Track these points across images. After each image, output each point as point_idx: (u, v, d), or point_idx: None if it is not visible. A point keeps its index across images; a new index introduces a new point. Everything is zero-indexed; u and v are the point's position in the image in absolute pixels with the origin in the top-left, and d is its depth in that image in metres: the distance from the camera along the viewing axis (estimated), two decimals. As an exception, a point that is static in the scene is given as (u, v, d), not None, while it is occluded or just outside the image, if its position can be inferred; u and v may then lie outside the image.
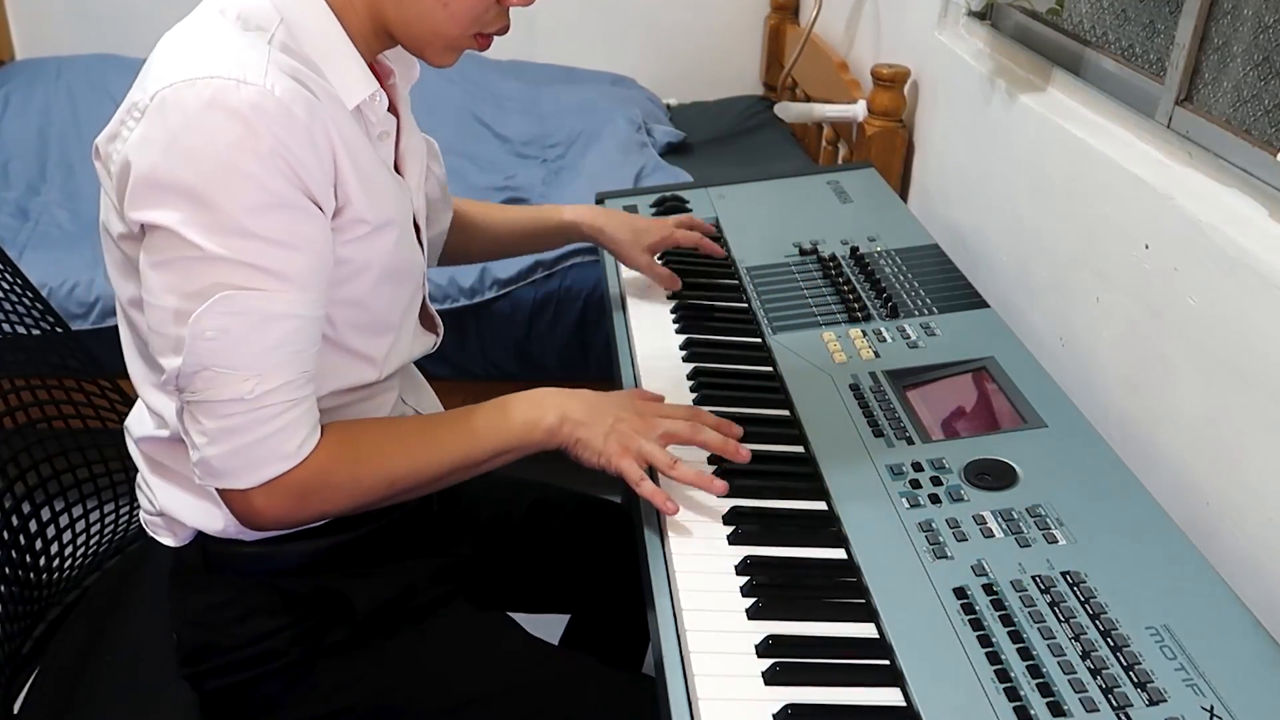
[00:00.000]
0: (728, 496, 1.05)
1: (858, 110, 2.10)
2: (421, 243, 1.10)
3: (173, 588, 1.07)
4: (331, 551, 1.05)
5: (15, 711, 1.12)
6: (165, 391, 0.97)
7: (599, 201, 1.75)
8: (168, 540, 1.06)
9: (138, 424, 1.06)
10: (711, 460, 1.09)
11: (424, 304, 1.14)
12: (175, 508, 1.03)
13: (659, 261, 1.45)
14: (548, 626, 1.31)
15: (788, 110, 2.24)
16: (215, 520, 1.02)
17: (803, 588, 0.95)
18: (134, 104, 0.87)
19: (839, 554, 0.99)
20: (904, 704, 0.84)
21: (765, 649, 0.87)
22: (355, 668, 1.06)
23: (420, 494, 1.02)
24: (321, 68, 0.93)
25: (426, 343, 1.15)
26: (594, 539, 1.34)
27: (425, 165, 1.13)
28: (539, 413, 1.02)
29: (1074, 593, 0.91)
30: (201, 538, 1.04)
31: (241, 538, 1.03)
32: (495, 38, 1.00)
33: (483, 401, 1.05)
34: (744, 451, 1.06)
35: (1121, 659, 0.84)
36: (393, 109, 1.04)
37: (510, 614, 1.21)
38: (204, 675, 1.06)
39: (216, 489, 0.94)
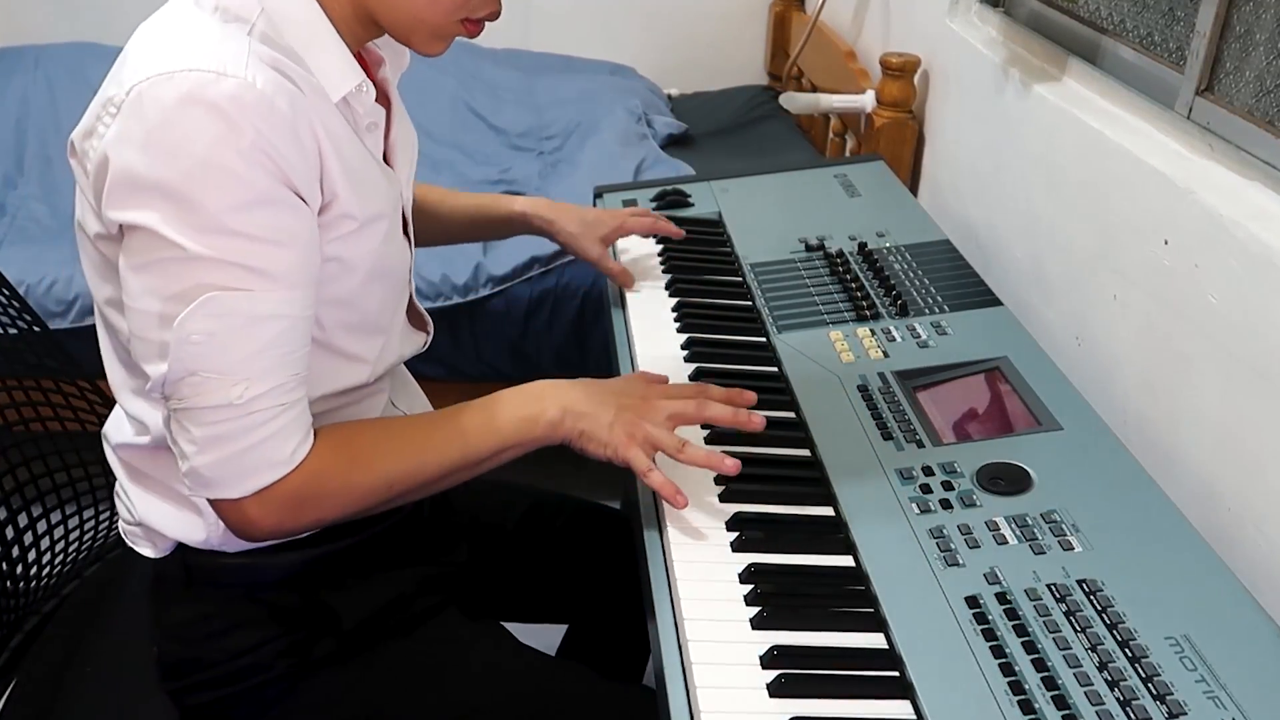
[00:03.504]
0: (730, 501, 1.05)
1: (866, 101, 2.10)
2: (409, 237, 1.10)
3: (153, 600, 1.06)
4: (317, 562, 1.05)
5: (-9, 725, 1.13)
6: (150, 399, 0.96)
7: (597, 196, 1.76)
8: (147, 551, 1.05)
9: (116, 430, 1.06)
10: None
11: (411, 301, 1.14)
12: (155, 518, 1.03)
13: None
14: (544, 636, 1.32)
15: (793, 101, 2.24)
16: (197, 531, 1.02)
17: (809, 596, 0.95)
18: (109, 99, 0.86)
19: (847, 561, 0.99)
20: (914, 717, 0.84)
21: (770, 660, 0.87)
22: (342, 682, 1.06)
23: (421, 495, 1.01)
24: (305, 59, 0.92)
25: (416, 342, 1.15)
26: (592, 546, 1.33)
27: (415, 157, 1.13)
28: (539, 407, 1.01)
29: (1090, 601, 0.91)
30: (182, 549, 1.04)
31: (224, 549, 1.03)
32: (487, 23, 0.99)
33: (480, 398, 1.04)
34: (756, 419, 1.05)
35: (1140, 670, 0.84)
36: (382, 98, 1.03)
37: (505, 624, 1.21)
38: (186, 690, 1.06)
39: (209, 499, 0.93)
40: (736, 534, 1.01)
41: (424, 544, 1.15)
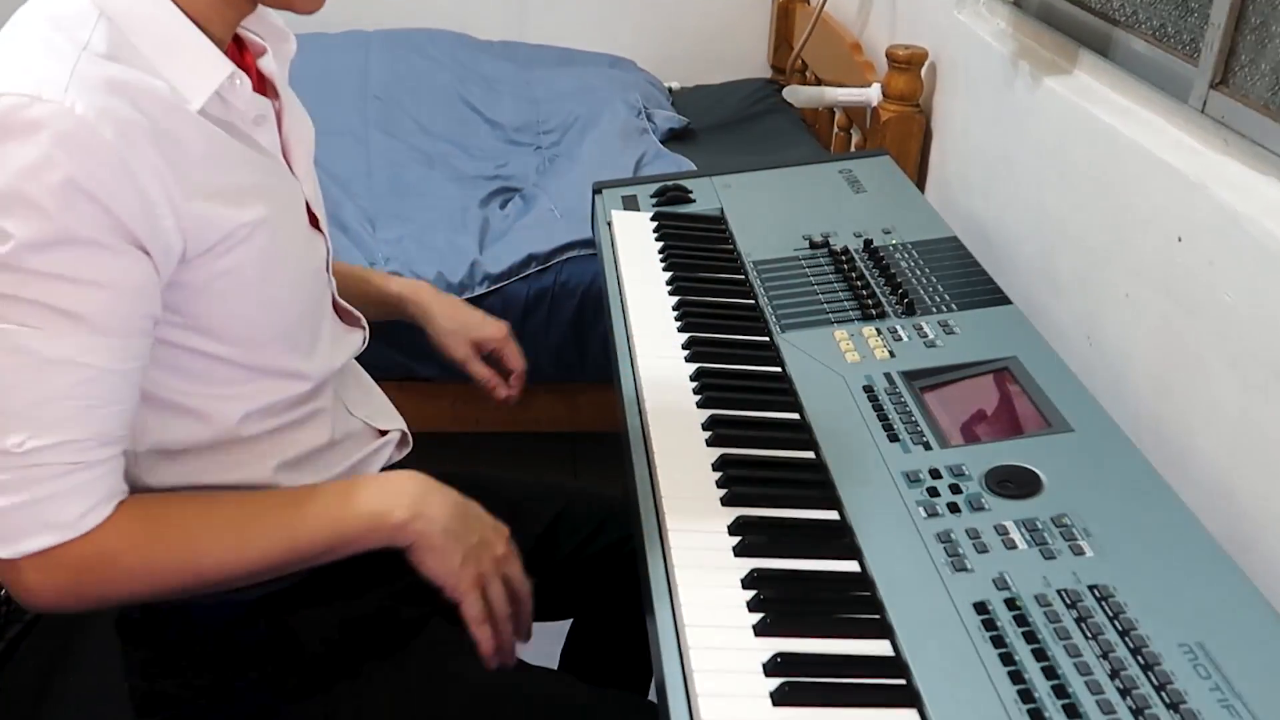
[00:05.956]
0: (732, 505, 1.05)
1: (872, 94, 2.10)
2: (323, 231, 1.06)
3: (119, 635, 1.04)
4: (285, 593, 1.01)
5: (-26, 734, 1.13)
6: None
7: (596, 192, 1.76)
8: None
9: None
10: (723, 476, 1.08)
11: (334, 299, 1.11)
12: None
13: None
14: (545, 635, 1.31)
15: (797, 94, 2.24)
16: None
17: (813, 602, 0.95)
18: None
19: (852, 566, 0.99)
20: (921, 726, 0.84)
21: (773, 667, 0.87)
22: (321, 711, 1.04)
23: (245, 583, 0.94)
24: (158, 64, 0.86)
25: (354, 341, 1.12)
26: (596, 542, 1.32)
27: (311, 149, 1.08)
28: (389, 503, 0.94)
29: (1102, 608, 0.91)
30: None
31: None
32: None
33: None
34: (512, 656, 1.02)
35: (1152, 678, 0.84)
36: (270, 91, 1.00)
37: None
38: None
39: None
40: (739, 538, 1.01)
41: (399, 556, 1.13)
